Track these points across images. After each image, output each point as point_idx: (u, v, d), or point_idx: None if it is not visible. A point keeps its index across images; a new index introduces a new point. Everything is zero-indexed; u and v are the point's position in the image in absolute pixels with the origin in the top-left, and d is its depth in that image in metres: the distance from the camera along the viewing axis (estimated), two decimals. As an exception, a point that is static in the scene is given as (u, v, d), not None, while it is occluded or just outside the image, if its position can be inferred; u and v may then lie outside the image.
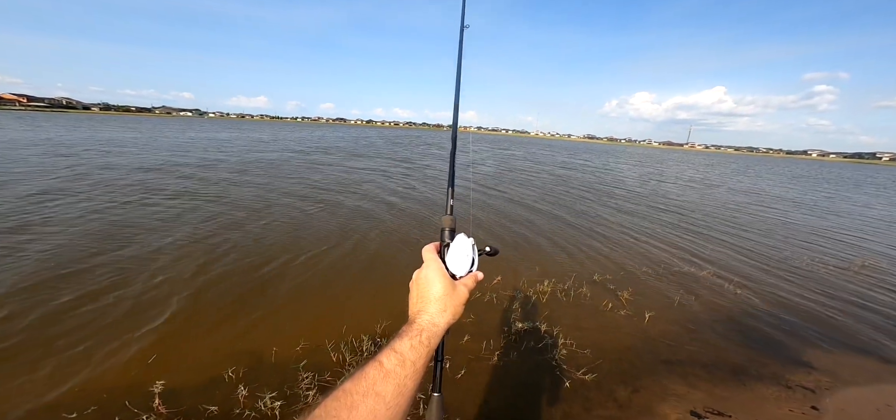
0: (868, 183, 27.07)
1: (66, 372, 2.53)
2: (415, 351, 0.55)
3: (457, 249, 0.68)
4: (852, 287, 4.93)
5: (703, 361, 3.08)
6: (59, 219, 5.69)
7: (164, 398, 2.29)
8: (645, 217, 8.56)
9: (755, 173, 28.89)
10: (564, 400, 2.55)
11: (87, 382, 2.46)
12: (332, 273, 4.36)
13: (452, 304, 0.63)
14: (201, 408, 2.27)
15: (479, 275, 0.71)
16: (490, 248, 0.75)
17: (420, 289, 0.66)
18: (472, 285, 0.69)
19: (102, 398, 2.33)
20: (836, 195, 16.60)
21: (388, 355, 0.54)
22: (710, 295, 4.40)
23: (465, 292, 0.66)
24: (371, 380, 0.50)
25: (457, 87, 0.93)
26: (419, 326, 0.59)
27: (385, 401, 0.49)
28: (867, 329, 3.83)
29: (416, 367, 0.54)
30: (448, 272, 0.67)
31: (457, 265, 0.68)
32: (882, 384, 2.89)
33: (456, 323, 0.65)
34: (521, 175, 15.02)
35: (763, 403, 2.62)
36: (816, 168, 55.01)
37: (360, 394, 0.49)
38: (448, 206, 0.78)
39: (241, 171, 11.49)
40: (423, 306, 0.63)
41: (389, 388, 0.50)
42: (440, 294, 0.63)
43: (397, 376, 0.52)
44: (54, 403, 2.28)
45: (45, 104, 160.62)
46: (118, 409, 2.23)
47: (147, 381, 2.44)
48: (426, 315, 0.61)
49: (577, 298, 4.06)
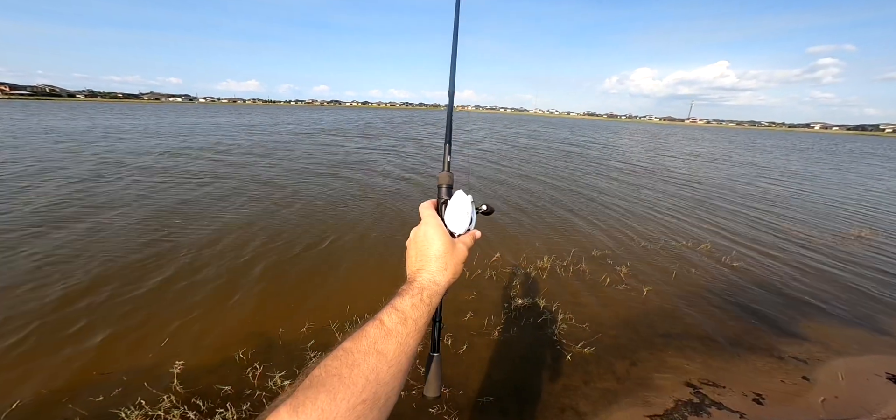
0: (875, 154, 26.93)
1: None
2: (416, 309, 0.55)
3: (455, 206, 0.66)
4: (847, 258, 5.00)
5: (699, 334, 3.16)
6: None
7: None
8: (646, 190, 8.56)
9: (761, 147, 28.71)
10: (564, 373, 2.62)
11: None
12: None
13: (452, 263, 0.62)
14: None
15: (476, 233, 0.69)
16: (486, 206, 0.72)
17: (419, 247, 0.64)
18: (470, 243, 0.67)
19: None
20: (842, 167, 16.57)
21: (389, 314, 0.53)
22: (707, 269, 4.46)
23: (464, 250, 0.65)
24: (372, 338, 0.50)
25: (454, 42, 0.88)
26: (420, 284, 0.58)
27: (387, 359, 0.49)
28: (861, 299, 3.91)
29: (418, 325, 0.54)
30: (447, 230, 0.65)
31: (456, 222, 0.66)
32: (872, 354, 2.98)
33: (459, 297, 0.63)
34: (528, 153, 14.91)
35: (756, 375, 2.71)
36: (818, 141, 54.58)
37: (362, 352, 0.48)
38: (445, 162, 0.74)
39: (262, 155, 11.63)
40: (424, 264, 0.62)
41: (391, 346, 0.50)
42: (440, 252, 0.62)
43: (399, 335, 0.51)
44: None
45: (27, 92, 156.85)
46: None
47: (169, 362, 2.51)
48: (426, 273, 0.60)
49: (577, 274, 4.11)
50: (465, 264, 0.65)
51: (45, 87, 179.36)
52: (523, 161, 12.64)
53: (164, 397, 2.23)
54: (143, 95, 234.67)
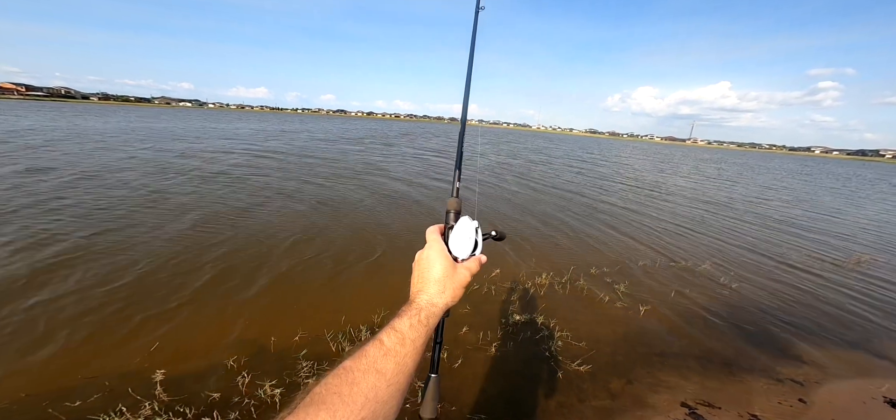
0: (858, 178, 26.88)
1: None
2: (414, 330, 0.57)
3: (459, 231, 0.68)
4: (846, 283, 4.99)
5: (696, 354, 3.15)
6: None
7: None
8: (647, 209, 8.60)
9: (762, 168, 28.77)
10: (559, 390, 2.62)
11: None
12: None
13: (452, 286, 0.64)
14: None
15: (482, 258, 0.70)
16: (496, 232, 0.74)
17: (421, 269, 0.66)
18: (475, 269, 0.68)
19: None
20: (839, 189, 16.57)
21: (389, 334, 0.55)
22: (705, 289, 4.45)
23: (465, 275, 0.66)
24: (372, 358, 0.52)
25: (468, 73, 0.89)
26: (418, 306, 0.60)
27: (386, 378, 0.51)
28: (859, 322, 3.90)
29: (415, 345, 0.56)
30: (450, 254, 0.67)
31: (459, 247, 0.68)
32: (869, 378, 2.96)
33: (455, 312, 0.66)
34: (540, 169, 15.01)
35: (752, 395, 2.69)
36: (820, 165, 54.68)
37: (361, 371, 0.50)
38: (454, 188, 0.77)
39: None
40: (423, 286, 0.64)
41: (390, 365, 0.52)
42: (440, 275, 0.64)
43: (397, 355, 0.53)
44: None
45: (43, 93, 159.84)
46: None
47: (153, 369, 2.52)
48: (425, 295, 0.62)
49: (575, 291, 4.12)
50: (466, 288, 0.66)
51: (61, 89, 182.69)
52: (531, 184, 12.73)
53: (146, 404, 2.21)
54: (154, 99, 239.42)
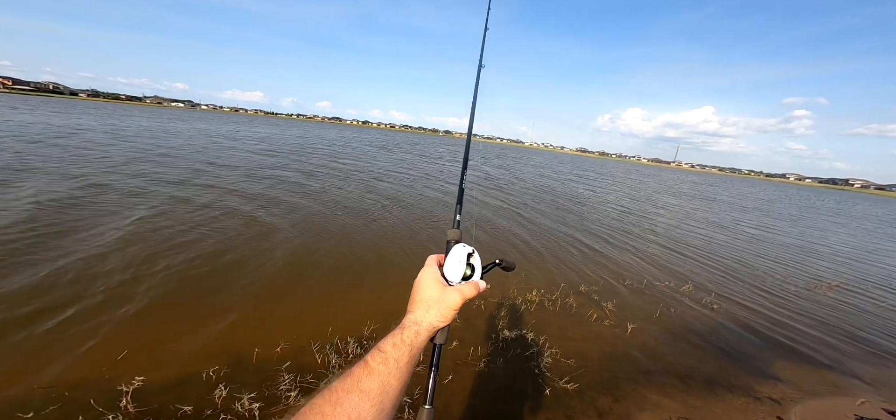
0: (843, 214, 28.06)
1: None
2: (397, 349, 0.57)
3: (452, 257, 0.73)
4: (820, 304, 5.21)
5: (680, 372, 3.24)
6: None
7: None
8: (634, 230, 8.83)
9: (745, 193, 29.81)
10: (547, 407, 2.65)
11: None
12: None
13: (439, 307, 0.65)
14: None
15: (480, 284, 0.72)
16: (502, 261, 0.77)
17: (413, 291, 0.69)
18: (469, 293, 0.69)
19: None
20: (803, 219, 17.28)
21: (373, 354, 0.56)
22: (689, 309, 4.59)
23: (457, 297, 0.67)
24: (355, 377, 0.53)
25: (470, 124, 0.93)
26: (403, 325, 0.62)
27: (369, 398, 0.51)
28: (833, 342, 4.08)
29: (398, 364, 0.56)
30: (443, 278, 0.71)
31: (451, 272, 0.72)
32: (842, 396, 3.09)
33: (447, 329, 0.67)
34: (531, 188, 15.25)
35: (733, 413, 2.78)
36: (795, 193, 57.03)
37: (345, 391, 0.51)
38: (455, 220, 0.82)
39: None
40: (412, 307, 0.66)
41: (374, 384, 0.52)
42: (426, 296, 0.66)
43: (381, 374, 0.54)
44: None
45: (30, 88, 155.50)
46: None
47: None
48: (411, 315, 0.64)
49: (564, 308, 4.19)
50: (457, 311, 0.67)
51: (49, 84, 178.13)
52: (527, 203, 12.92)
53: (109, 416, 2.11)
54: (145, 98, 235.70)
